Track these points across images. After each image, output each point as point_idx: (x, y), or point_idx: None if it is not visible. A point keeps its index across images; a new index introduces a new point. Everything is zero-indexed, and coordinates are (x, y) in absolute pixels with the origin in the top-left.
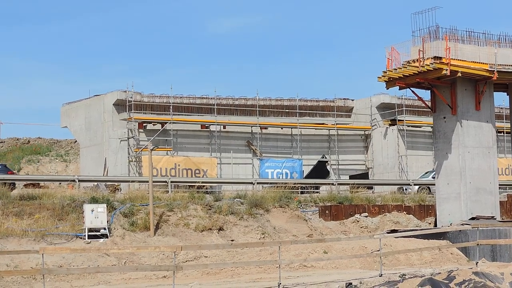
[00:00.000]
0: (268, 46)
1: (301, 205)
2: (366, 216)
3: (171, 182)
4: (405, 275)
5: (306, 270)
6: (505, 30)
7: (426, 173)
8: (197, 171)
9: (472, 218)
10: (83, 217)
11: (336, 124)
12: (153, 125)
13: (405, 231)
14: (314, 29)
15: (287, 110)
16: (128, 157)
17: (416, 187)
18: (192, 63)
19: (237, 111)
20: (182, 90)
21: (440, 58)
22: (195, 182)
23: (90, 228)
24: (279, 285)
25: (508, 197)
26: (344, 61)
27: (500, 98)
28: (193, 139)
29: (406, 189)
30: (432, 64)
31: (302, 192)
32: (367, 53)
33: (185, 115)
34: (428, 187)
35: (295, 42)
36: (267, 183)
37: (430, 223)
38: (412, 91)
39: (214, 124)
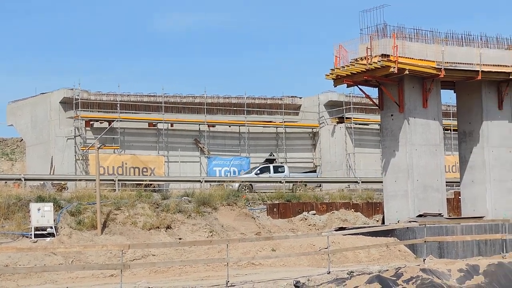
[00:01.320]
0: (216, 43)
1: (249, 203)
2: (314, 214)
3: (119, 180)
4: (353, 272)
5: (254, 268)
6: (452, 28)
7: (252, 169)
8: (144, 170)
9: (420, 215)
10: (30, 216)
11: (284, 122)
12: (100, 123)
13: (353, 228)
14: (262, 27)
15: (235, 108)
16: (75, 155)
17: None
18: (139, 61)
19: (184, 109)
20: (130, 88)
21: (388, 55)
22: (143, 180)
23: (37, 227)
24: (227, 283)
25: (455, 194)
26: (292, 59)
27: (447, 96)
28: (141, 137)
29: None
30: (380, 61)
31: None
32: (315, 51)
33: (132, 113)
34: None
35: (243, 39)
36: (215, 181)
37: (378, 221)
38: (360, 88)
39: (162, 122)
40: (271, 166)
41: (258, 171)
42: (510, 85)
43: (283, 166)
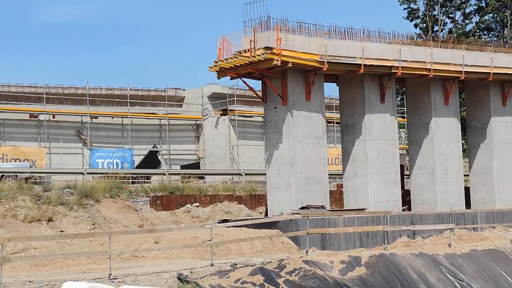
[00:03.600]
0: (99, 34)
1: (132, 196)
2: (198, 206)
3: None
4: (236, 264)
5: (137, 261)
6: (335, 21)
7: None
8: (25, 161)
9: (303, 208)
10: None
11: (167, 114)
12: None
13: (236, 220)
14: (146, 18)
15: (118, 100)
16: None
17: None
18: (21, 51)
19: (67, 100)
20: (10, 78)
21: (271, 48)
22: (24, 172)
23: None
24: (109, 276)
25: (337, 186)
26: (176, 51)
27: (330, 89)
28: (21, 129)
29: None
30: (263, 54)
31: (133, 182)
32: (199, 43)
33: (13, 104)
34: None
35: (127, 31)
36: (97, 173)
37: (261, 213)
38: (243, 81)
39: (43, 114)
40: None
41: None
42: (392, 79)
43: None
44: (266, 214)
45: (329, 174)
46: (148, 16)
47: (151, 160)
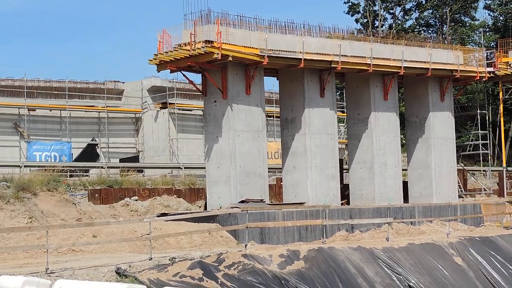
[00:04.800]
0: (37, 25)
1: (70, 189)
2: (136, 200)
3: None
4: (175, 258)
5: (75, 255)
6: (276, 15)
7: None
8: None
9: (242, 201)
10: None
11: (107, 106)
12: None
13: (175, 214)
14: (85, 10)
15: (56, 92)
16: None
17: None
18: None
19: (3, 92)
20: None
21: (212, 42)
22: None
23: None
24: (46, 270)
25: (277, 180)
26: (116, 43)
27: (270, 83)
28: None
29: None
30: (204, 48)
31: (71, 176)
32: (139, 36)
33: None
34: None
35: (65, 22)
36: (35, 166)
37: (200, 207)
38: (183, 74)
39: None
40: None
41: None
42: (331, 73)
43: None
44: (205, 208)
45: (268, 168)
46: (88, 8)
47: (89, 153)
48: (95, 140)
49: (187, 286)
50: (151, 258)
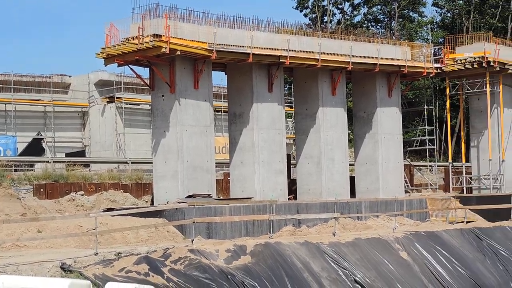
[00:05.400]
0: None
1: (14, 184)
2: (82, 195)
3: None
4: (120, 253)
5: (19, 250)
6: (225, 10)
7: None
8: None
9: (189, 196)
10: None
11: (53, 100)
12: None
13: (121, 209)
14: (32, 2)
15: (1, 86)
16: None
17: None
18: None
19: None
20: None
21: (160, 36)
22: None
23: None
24: None
25: (224, 175)
26: (62, 36)
27: (218, 78)
28: None
29: None
30: (152, 42)
31: (16, 170)
32: (86, 29)
33: None
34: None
35: (11, 15)
36: None
37: (147, 202)
38: (131, 68)
39: None
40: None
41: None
42: (280, 68)
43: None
44: (152, 203)
45: (216, 163)
46: (34, 0)
47: (35, 148)
48: (41, 134)
49: (133, 282)
50: (97, 253)
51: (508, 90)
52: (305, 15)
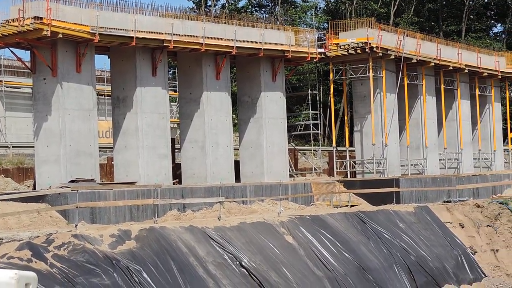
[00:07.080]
0: None
1: None
2: None
3: None
4: (2, 239)
5: None
6: None
7: None
8: None
9: (72, 181)
10: None
11: None
12: None
13: (2, 194)
14: None
15: None
16: None
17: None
18: None
19: None
20: None
21: (41, 18)
22: None
23: None
24: None
25: (108, 159)
26: None
27: (102, 61)
28: None
29: None
30: (32, 24)
31: None
32: None
33: None
34: None
35: None
36: None
37: (29, 186)
38: (11, 51)
39: None
40: None
41: None
42: (164, 53)
43: None
44: (34, 188)
45: (99, 147)
46: None
47: None
48: None
49: (15, 268)
50: None
51: (391, 75)
52: None
